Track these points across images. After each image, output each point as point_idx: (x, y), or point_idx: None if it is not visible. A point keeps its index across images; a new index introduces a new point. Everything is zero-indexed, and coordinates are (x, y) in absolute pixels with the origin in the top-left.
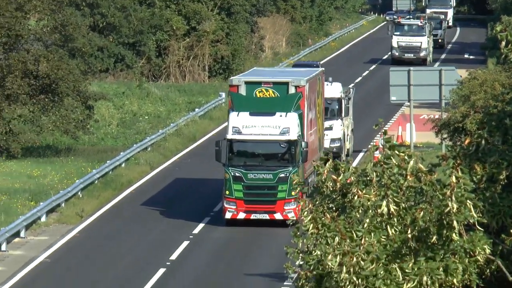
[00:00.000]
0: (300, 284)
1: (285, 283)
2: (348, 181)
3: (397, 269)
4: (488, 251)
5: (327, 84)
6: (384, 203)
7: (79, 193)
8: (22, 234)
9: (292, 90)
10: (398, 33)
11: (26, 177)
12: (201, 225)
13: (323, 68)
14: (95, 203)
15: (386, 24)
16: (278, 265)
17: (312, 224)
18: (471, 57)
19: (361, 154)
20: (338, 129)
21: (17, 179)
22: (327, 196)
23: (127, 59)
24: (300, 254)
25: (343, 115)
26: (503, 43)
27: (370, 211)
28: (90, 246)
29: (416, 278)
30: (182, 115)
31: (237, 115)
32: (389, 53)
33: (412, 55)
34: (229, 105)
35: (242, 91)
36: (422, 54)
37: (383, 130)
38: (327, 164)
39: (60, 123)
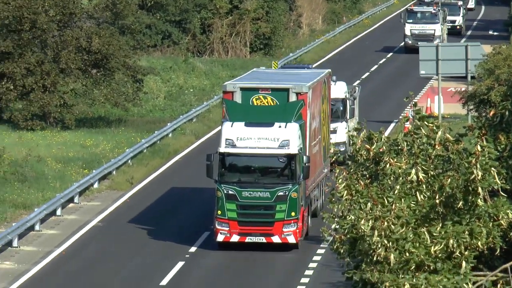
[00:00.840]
0: (335, 247)
1: (321, 245)
2: (381, 150)
3: (426, 232)
4: (511, 215)
5: (331, 84)
6: (414, 171)
7: (129, 161)
8: (76, 199)
9: (293, 97)
10: (411, 20)
11: (79, 147)
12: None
13: (330, 70)
14: (144, 171)
15: (416, 2)
16: None
17: (346, 191)
18: (495, 33)
19: (392, 125)
20: (343, 132)
21: (71, 149)
22: (360, 164)
23: (174, 36)
24: (335, 219)
25: (348, 116)
26: None
27: (401, 178)
28: (140, 211)
29: (443, 241)
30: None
31: (231, 126)
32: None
33: (426, 43)
34: (222, 114)
35: (238, 98)
36: (435, 42)
37: (413, 102)
38: (361, 134)
39: (111, 96)
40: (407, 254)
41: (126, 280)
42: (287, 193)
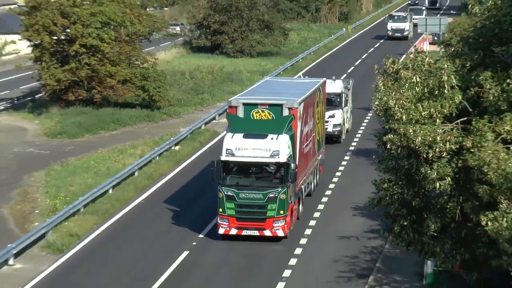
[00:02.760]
0: (377, 112)
1: (368, 114)
2: (399, 67)
3: (420, 105)
4: (460, 97)
5: (331, 82)
6: (415, 77)
7: (280, 72)
8: None
9: (286, 111)
10: (391, 21)
11: (258, 65)
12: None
13: (325, 79)
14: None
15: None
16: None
17: (382, 86)
18: (453, 12)
19: (404, 56)
20: (339, 117)
21: (254, 66)
22: (389, 74)
23: (302, 13)
24: (377, 99)
25: (343, 105)
26: None
27: (408, 80)
28: None
29: (428, 109)
30: (325, 38)
31: (232, 137)
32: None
33: (399, 34)
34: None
35: (240, 112)
36: (405, 33)
37: (414, 45)
38: (389, 60)
39: (273, 42)
40: (411, 115)
41: None
42: (277, 195)
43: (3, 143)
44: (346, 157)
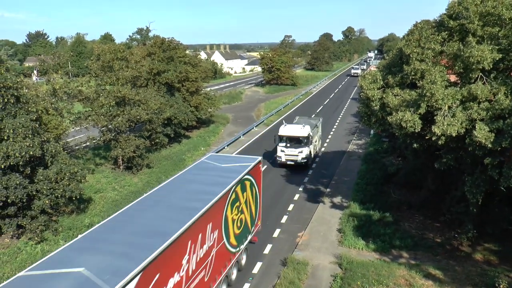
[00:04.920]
0: (359, 86)
1: (354, 86)
2: (364, 75)
3: (371, 85)
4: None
5: (301, 127)
6: (369, 76)
7: (329, 75)
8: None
9: None
10: (352, 68)
11: (324, 73)
12: None
13: (259, 159)
14: None
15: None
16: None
17: (360, 80)
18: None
19: (365, 72)
20: (306, 152)
21: (322, 74)
22: (363, 76)
23: (337, 59)
24: (359, 83)
25: (309, 144)
26: None
27: (367, 77)
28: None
29: (373, 86)
30: (343, 66)
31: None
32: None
33: (356, 74)
34: None
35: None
36: (358, 74)
37: (368, 69)
38: (364, 73)
39: (329, 67)
40: (368, 87)
41: None
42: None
43: (252, 95)
44: (326, 143)
